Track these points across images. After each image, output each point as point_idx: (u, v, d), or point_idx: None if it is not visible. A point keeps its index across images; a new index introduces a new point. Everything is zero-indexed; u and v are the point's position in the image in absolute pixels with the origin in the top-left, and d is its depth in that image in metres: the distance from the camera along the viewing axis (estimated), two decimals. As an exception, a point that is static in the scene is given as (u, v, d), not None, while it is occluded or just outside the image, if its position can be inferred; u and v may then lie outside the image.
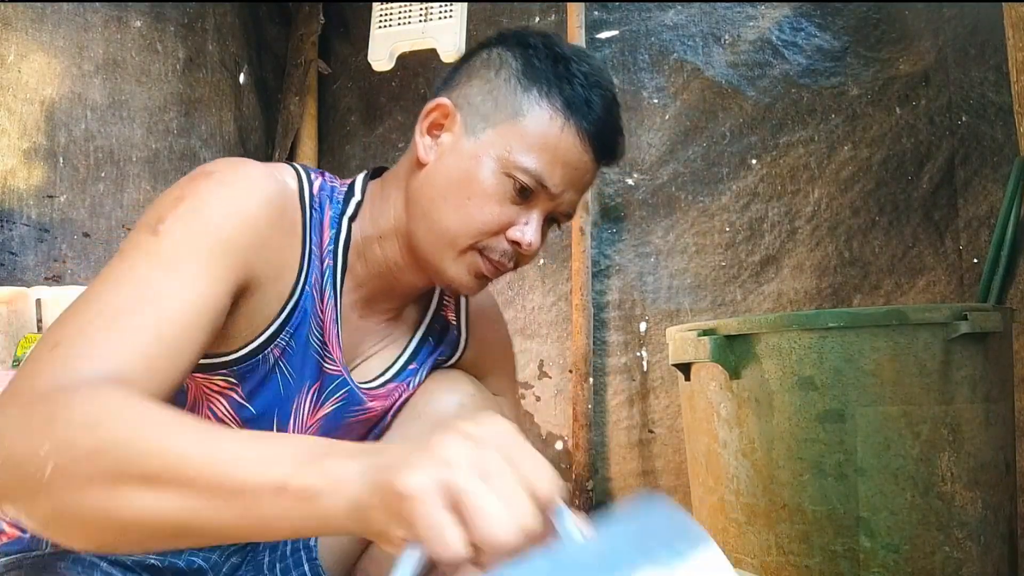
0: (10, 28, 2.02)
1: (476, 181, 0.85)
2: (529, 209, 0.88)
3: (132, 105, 2.25)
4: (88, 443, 0.54)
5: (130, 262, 0.71)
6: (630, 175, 2.31)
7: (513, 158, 0.85)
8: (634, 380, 2.24)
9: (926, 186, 2.07)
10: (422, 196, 0.88)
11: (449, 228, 0.86)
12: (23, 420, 0.58)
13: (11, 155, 2.01)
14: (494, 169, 0.85)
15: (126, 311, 0.67)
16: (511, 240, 0.88)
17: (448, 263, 0.88)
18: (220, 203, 0.76)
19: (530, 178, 0.85)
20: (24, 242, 2.02)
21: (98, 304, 0.67)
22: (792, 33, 2.22)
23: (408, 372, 1.00)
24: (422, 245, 0.88)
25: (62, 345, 0.64)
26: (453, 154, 0.87)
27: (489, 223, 0.86)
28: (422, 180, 0.88)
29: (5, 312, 1.68)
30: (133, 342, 0.66)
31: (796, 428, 1.45)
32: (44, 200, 2.07)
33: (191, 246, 0.73)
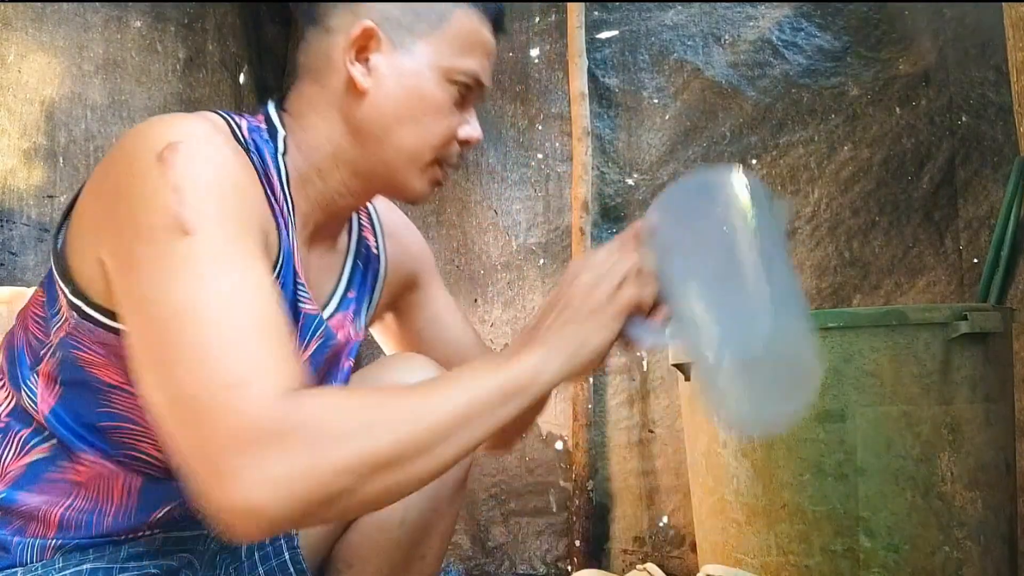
0: (10, 28, 2.02)
1: (425, 96, 0.87)
2: (467, 105, 0.91)
3: (132, 105, 2.25)
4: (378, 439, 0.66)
5: (193, 274, 0.68)
6: (630, 175, 2.31)
7: (452, 64, 0.87)
8: (634, 380, 2.24)
9: (926, 186, 2.07)
10: (374, 124, 0.88)
11: (412, 147, 0.88)
12: (301, 453, 0.63)
13: (11, 155, 2.01)
14: (437, 80, 0.87)
15: (247, 323, 0.67)
16: (462, 141, 0.91)
17: (413, 180, 0.90)
18: (215, 177, 0.74)
19: (470, 78, 0.88)
20: (24, 242, 2.02)
21: (212, 327, 0.67)
22: (792, 33, 2.22)
23: (348, 301, 1.00)
24: (381, 170, 0.89)
25: (229, 383, 0.64)
26: (394, 76, 0.87)
27: (447, 133, 0.88)
28: (368, 108, 0.87)
29: (5, 312, 1.68)
30: (270, 346, 0.67)
31: (796, 428, 1.45)
32: (44, 200, 2.07)
33: (230, 236, 0.71)
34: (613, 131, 2.33)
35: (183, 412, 0.66)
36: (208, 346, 0.66)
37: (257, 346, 0.67)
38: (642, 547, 2.20)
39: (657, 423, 2.21)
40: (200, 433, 0.64)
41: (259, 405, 0.64)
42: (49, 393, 0.84)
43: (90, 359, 0.82)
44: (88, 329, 0.80)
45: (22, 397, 0.85)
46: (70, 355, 0.82)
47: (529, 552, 2.26)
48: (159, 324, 0.68)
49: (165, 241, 0.69)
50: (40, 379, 0.85)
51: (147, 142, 0.74)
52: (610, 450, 2.23)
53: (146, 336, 0.70)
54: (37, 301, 0.87)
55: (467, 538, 2.29)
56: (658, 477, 2.19)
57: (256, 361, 0.66)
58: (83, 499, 0.86)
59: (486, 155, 2.39)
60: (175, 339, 0.67)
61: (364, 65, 0.87)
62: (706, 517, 1.64)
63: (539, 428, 2.29)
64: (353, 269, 1.01)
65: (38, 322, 0.86)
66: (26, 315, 0.88)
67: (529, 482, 2.27)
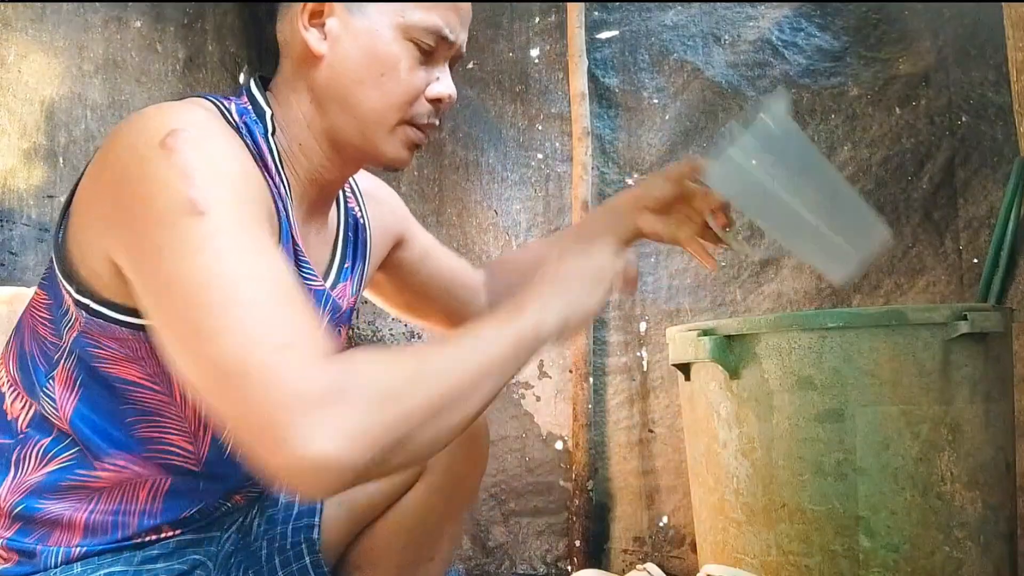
0: (10, 28, 2.02)
1: (383, 56, 0.84)
2: (435, 63, 0.88)
3: (132, 105, 2.25)
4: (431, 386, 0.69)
5: (212, 251, 0.68)
6: (630, 175, 2.31)
7: (409, 21, 0.84)
8: (634, 380, 2.24)
9: (926, 186, 2.07)
10: (333, 90, 0.86)
11: (374, 110, 0.85)
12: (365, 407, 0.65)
13: (11, 155, 2.01)
14: (395, 38, 0.84)
15: (277, 291, 0.68)
16: (432, 99, 0.88)
17: (384, 144, 0.88)
18: (221, 160, 0.73)
19: (432, 36, 0.85)
20: (24, 242, 2.02)
21: (246, 296, 0.67)
22: (792, 33, 2.22)
23: (346, 271, 1.00)
24: (350, 136, 0.87)
25: (283, 343, 0.65)
26: (348, 37, 0.85)
27: (410, 92, 0.86)
28: (326, 74, 0.86)
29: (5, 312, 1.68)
30: (303, 312, 0.68)
31: (796, 428, 1.45)
32: (44, 200, 2.07)
33: (243, 216, 0.71)
34: (613, 131, 2.33)
35: (232, 380, 0.65)
36: (246, 313, 0.66)
37: (292, 311, 0.67)
38: (642, 547, 2.20)
39: (657, 423, 2.21)
40: (255, 397, 0.63)
41: (312, 364, 0.64)
42: (69, 396, 0.83)
43: (106, 355, 0.81)
44: (99, 326, 0.80)
45: (42, 406, 0.84)
46: (86, 353, 0.82)
47: (529, 552, 2.26)
48: (189, 301, 0.67)
49: (181, 223, 0.69)
50: (57, 384, 0.83)
51: (146, 132, 0.74)
52: (610, 450, 2.23)
53: (177, 316, 0.69)
54: (41, 304, 0.86)
55: (467, 538, 2.29)
56: (658, 477, 2.20)
57: (296, 324, 0.67)
58: (107, 502, 0.86)
59: (486, 155, 2.39)
60: (209, 312, 0.66)
61: (320, 30, 0.86)
62: (706, 517, 1.64)
63: (539, 428, 2.29)
64: (346, 239, 1.01)
65: (46, 325, 0.84)
66: (32, 320, 0.87)
67: (529, 482, 2.27)
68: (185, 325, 0.68)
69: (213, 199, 0.70)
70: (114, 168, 0.75)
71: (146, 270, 0.71)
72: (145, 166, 0.72)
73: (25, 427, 0.85)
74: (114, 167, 0.75)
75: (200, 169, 0.71)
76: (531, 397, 2.30)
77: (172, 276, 0.68)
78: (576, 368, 2.21)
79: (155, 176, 0.71)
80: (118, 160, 0.75)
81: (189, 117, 0.76)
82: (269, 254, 0.70)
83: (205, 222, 0.68)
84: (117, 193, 0.74)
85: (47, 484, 0.84)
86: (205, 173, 0.71)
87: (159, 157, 0.71)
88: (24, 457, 0.85)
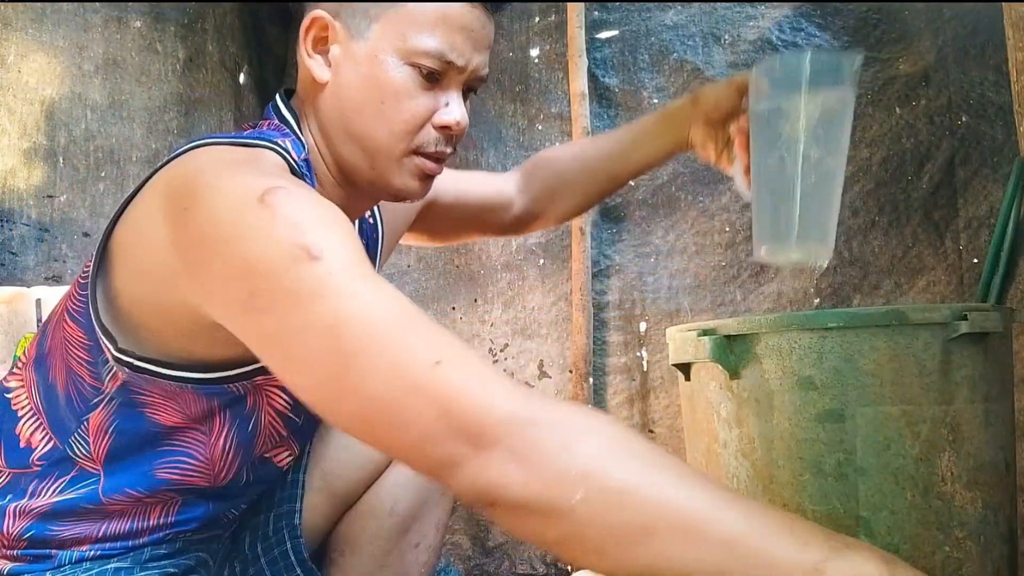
0: (10, 28, 2.02)
1: (382, 83, 0.81)
2: (444, 89, 0.84)
3: (132, 105, 2.25)
4: (611, 491, 0.57)
5: (336, 290, 0.65)
6: (630, 175, 2.32)
7: (410, 45, 0.80)
8: (634, 380, 2.24)
9: (926, 186, 2.07)
10: (336, 118, 0.84)
11: (376, 139, 0.83)
12: (533, 449, 0.59)
13: (11, 155, 2.01)
14: (395, 63, 0.81)
15: (413, 311, 0.65)
16: (439, 127, 0.84)
17: (393, 175, 0.85)
18: (321, 210, 0.70)
19: (434, 60, 0.81)
20: (24, 242, 2.02)
21: (384, 323, 0.64)
22: (792, 33, 2.22)
23: None
24: (358, 167, 0.85)
25: (438, 359, 0.62)
26: (348, 64, 0.82)
27: (412, 120, 0.82)
28: (328, 102, 0.84)
29: (5, 312, 1.68)
30: (441, 332, 0.65)
31: (796, 428, 1.45)
32: (44, 200, 2.07)
33: (351, 256, 0.68)
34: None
35: (395, 408, 0.62)
36: (391, 341, 0.63)
37: (431, 330, 0.64)
38: (642, 547, 2.20)
39: (657, 423, 2.21)
40: (427, 416, 0.61)
41: (486, 396, 0.61)
42: (103, 437, 0.83)
43: (152, 401, 0.81)
44: (146, 380, 0.79)
45: (70, 446, 0.83)
46: (129, 400, 0.81)
47: (529, 552, 2.26)
48: (327, 344, 0.64)
49: (295, 271, 0.66)
50: (91, 426, 0.82)
51: (236, 194, 0.70)
52: (610, 450, 2.23)
53: (318, 363, 0.65)
54: (78, 342, 0.83)
55: (467, 538, 2.29)
56: (658, 477, 2.19)
57: (441, 339, 0.63)
58: (119, 523, 0.86)
59: (486, 155, 2.39)
60: (354, 349, 0.63)
61: (324, 57, 0.84)
62: (706, 517, 1.65)
63: (539, 428, 2.30)
64: None
65: (84, 366, 0.83)
66: (66, 355, 0.84)
67: (529, 482, 2.27)
68: (329, 369, 0.65)
69: (325, 244, 0.67)
70: (204, 228, 0.71)
71: (268, 323, 0.67)
72: (244, 224, 0.68)
73: (39, 460, 0.85)
74: (205, 228, 0.70)
75: (304, 218, 0.68)
76: (531, 397, 2.30)
77: (303, 324, 0.65)
78: (576, 368, 2.21)
79: (258, 231, 0.67)
80: (211, 223, 0.70)
81: (273, 175, 0.73)
82: (386, 284, 0.68)
83: (321, 265, 0.66)
84: (210, 252, 0.70)
85: (58, 510, 0.84)
86: (310, 221, 0.68)
87: (260, 212, 0.68)
88: (36, 491, 0.85)
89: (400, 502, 1.06)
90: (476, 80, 0.86)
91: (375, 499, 1.06)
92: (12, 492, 0.85)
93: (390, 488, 1.06)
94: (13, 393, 0.88)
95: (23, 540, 0.84)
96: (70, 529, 0.85)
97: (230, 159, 0.76)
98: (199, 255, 0.71)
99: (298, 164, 0.82)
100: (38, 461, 0.85)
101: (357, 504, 1.07)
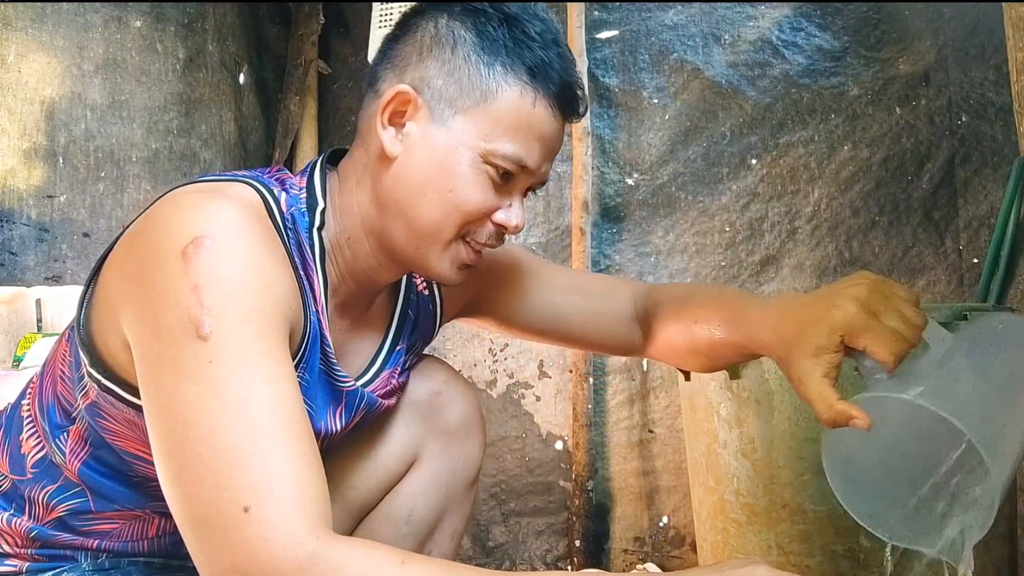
0: (10, 28, 2.02)
1: (455, 174, 0.81)
2: (511, 190, 0.84)
3: (132, 105, 2.25)
4: None
5: (207, 382, 0.66)
6: (630, 175, 2.31)
7: (491, 146, 0.81)
8: (634, 380, 2.24)
9: (926, 186, 2.07)
10: (396, 194, 0.83)
11: (432, 223, 0.82)
12: None
13: (11, 155, 2.01)
14: (472, 160, 0.81)
15: (262, 437, 0.66)
16: (497, 224, 0.85)
17: (433, 258, 0.84)
18: (239, 276, 0.70)
19: (510, 163, 0.82)
20: (24, 242, 2.02)
21: (222, 442, 0.65)
22: (792, 33, 2.22)
23: (397, 354, 0.98)
24: (402, 243, 0.84)
25: (246, 505, 0.63)
26: (424, 147, 0.82)
27: (474, 213, 0.83)
28: (394, 177, 0.83)
29: (5, 312, 1.68)
30: (295, 467, 0.66)
31: (796, 428, 1.45)
32: (44, 200, 2.07)
33: (248, 338, 0.68)
34: (613, 131, 2.33)
35: (203, 532, 0.65)
36: (226, 464, 0.64)
37: (276, 466, 0.65)
38: (642, 547, 2.20)
39: (657, 423, 2.21)
40: (220, 557, 0.63)
41: (281, 540, 0.63)
42: (80, 452, 0.83)
43: (114, 429, 0.81)
44: (109, 402, 0.79)
45: (53, 453, 0.85)
46: (95, 423, 0.81)
47: (529, 552, 2.26)
48: (175, 436, 0.67)
49: (182, 344, 0.67)
50: (71, 438, 0.83)
51: (173, 234, 0.71)
52: (610, 450, 2.23)
53: (164, 445, 0.68)
54: (64, 359, 0.84)
55: (467, 538, 2.29)
56: (658, 477, 2.20)
57: (274, 485, 0.64)
58: (116, 540, 0.87)
59: (486, 155, 2.40)
60: (191, 453, 0.65)
61: (399, 131, 0.83)
62: (706, 517, 1.64)
63: (539, 428, 2.29)
64: (402, 321, 0.98)
65: (65, 382, 0.84)
66: (55, 370, 0.86)
67: (529, 482, 2.27)
68: (168, 457, 0.67)
69: (219, 321, 0.67)
70: (137, 259, 0.73)
71: (145, 381, 0.70)
72: (161, 273, 0.70)
73: (32, 467, 0.86)
74: (138, 258, 0.73)
75: (213, 285, 0.68)
76: (531, 397, 2.30)
77: (163, 402, 0.68)
78: (576, 368, 2.21)
79: (168, 287, 0.69)
80: (143, 258, 0.73)
81: (221, 220, 0.72)
82: (272, 386, 0.68)
83: (206, 348, 0.67)
84: (136, 292, 0.72)
85: (57, 526, 0.85)
86: (217, 290, 0.68)
87: (176, 267, 0.69)
88: (32, 498, 0.85)
89: (417, 510, 1.05)
90: (538, 183, 0.87)
91: (391, 506, 1.05)
92: (14, 499, 0.86)
93: (407, 495, 1.05)
94: (25, 400, 0.89)
95: (36, 542, 0.85)
96: (71, 538, 0.85)
97: (192, 189, 0.77)
98: (127, 287, 0.74)
99: (284, 216, 0.81)
100: (32, 468, 0.86)
101: (373, 511, 1.06)
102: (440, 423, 1.05)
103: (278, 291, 0.74)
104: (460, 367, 2.32)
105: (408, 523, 1.05)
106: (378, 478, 1.03)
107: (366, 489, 1.04)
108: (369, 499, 1.05)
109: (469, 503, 1.11)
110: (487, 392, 2.32)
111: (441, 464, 1.06)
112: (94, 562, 0.86)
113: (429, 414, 1.04)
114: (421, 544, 1.06)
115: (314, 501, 0.66)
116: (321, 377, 0.85)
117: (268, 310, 0.71)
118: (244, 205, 0.76)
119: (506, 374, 2.32)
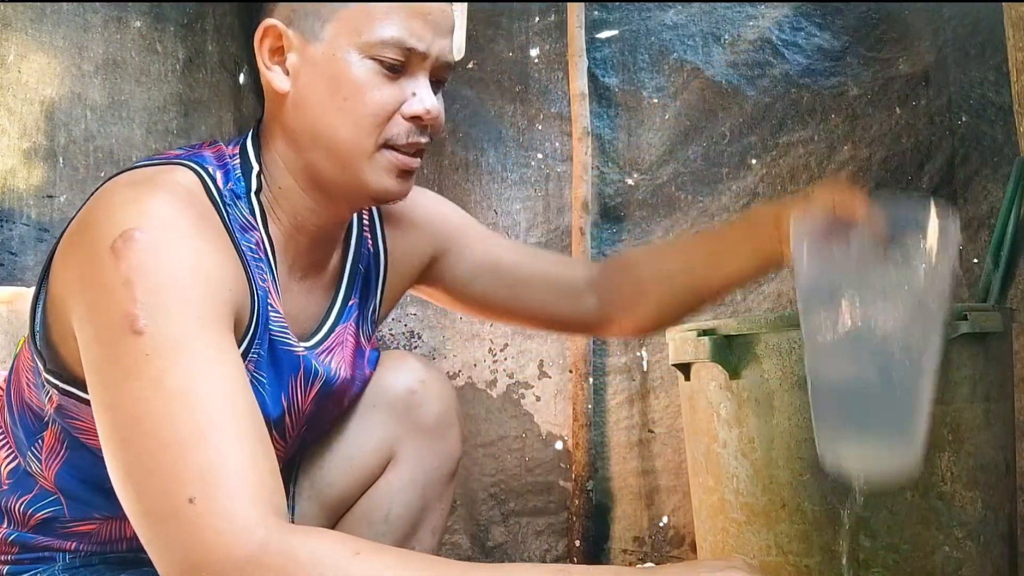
0: (10, 28, 2.02)
1: (344, 81, 0.78)
2: (409, 78, 0.81)
3: (132, 105, 2.25)
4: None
5: (148, 376, 0.65)
6: (630, 175, 2.31)
7: (367, 38, 0.78)
8: (634, 380, 2.24)
9: (926, 186, 2.07)
10: (301, 125, 0.81)
11: (344, 139, 0.80)
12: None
13: (11, 155, 2.01)
14: (355, 59, 0.78)
15: (208, 427, 0.65)
16: (409, 117, 0.81)
17: (365, 175, 0.81)
18: (171, 267, 0.69)
19: (394, 49, 0.79)
20: (24, 242, 2.02)
21: (167, 435, 0.64)
22: (792, 33, 2.22)
23: (350, 309, 0.96)
24: (328, 173, 0.82)
25: (192, 496, 0.63)
26: (308, 69, 0.80)
27: (378, 112, 0.80)
28: (293, 110, 0.81)
29: (5, 312, 1.68)
30: (242, 456, 0.65)
31: (796, 428, 1.45)
32: (44, 200, 2.07)
33: (186, 328, 0.67)
34: (613, 131, 2.33)
35: (155, 527, 0.64)
36: (171, 457, 0.64)
37: (223, 455, 0.64)
38: (642, 547, 2.20)
39: (657, 423, 2.21)
40: (173, 549, 0.63)
41: (230, 530, 0.62)
42: (55, 459, 0.83)
43: (86, 428, 0.79)
44: (73, 404, 0.78)
45: (28, 463, 0.84)
46: (67, 424, 0.80)
47: (529, 552, 2.26)
48: (122, 432, 0.66)
49: (120, 341, 0.66)
50: (44, 445, 0.83)
51: (103, 229, 0.70)
52: (610, 450, 2.23)
53: (112, 443, 0.67)
54: (26, 365, 0.83)
55: (467, 538, 2.29)
56: (658, 477, 2.19)
57: (221, 475, 0.63)
58: (93, 542, 0.87)
59: (486, 155, 2.39)
60: (138, 448, 0.65)
61: (282, 67, 0.81)
62: (706, 517, 1.64)
63: (539, 428, 2.29)
64: (352, 276, 0.96)
65: (31, 388, 0.83)
66: (20, 377, 0.85)
67: (529, 482, 2.27)
68: (114, 454, 0.67)
69: (153, 315, 0.66)
70: (77, 261, 0.73)
71: (94, 380, 0.69)
72: (95, 269, 0.69)
73: (6, 478, 0.85)
74: (78, 261, 0.73)
75: (144, 279, 0.67)
76: (531, 397, 2.30)
77: (105, 400, 0.67)
78: (576, 368, 2.21)
79: (101, 283, 0.68)
80: (80, 256, 0.72)
81: (149, 209, 0.71)
82: (213, 372, 0.67)
83: (143, 342, 0.66)
84: (78, 290, 0.72)
85: (35, 530, 0.85)
86: (150, 283, 0.67)
87: (108, 262, 0.68)
88: (8, 508, 0.85)
89: (395, 509, 1.04)
90: (443, 67, 0.84)
91: (369, 505, 1.03)
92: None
93: (385, 494, 1.04)
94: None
95: (15, 546, 0.85)
96: (50, 541, 0.85)
97: (124, 181, 0.77)
98: (71, 283, 0.73)
99: (222, 192, 0.80)
100: (6, 479, 0.86)
101: (351, 511, 1.04)
102: (417, 421, 1.03)
103: (216, 276, 0.72)
104: (460, 367, 2.32)
105: (387, 522, 1.04)
106: (355, 476, 1.02)
107: (343, 487, 1.02)
108: (346, 497, 1.03)
109: (448, 498, 1.09)
110: (487, 392, 2.32)
111: (417, 462, 1.04)
112: (69, 562, 0.86)
113: (405, 413, 1.03)
114: (401, 543, 1.05)
115: (264, 489, 0.64)
116: (275, 348, 0.84)
117: (206, 298, 0.70)
118: (176, 192, 0.75)
119: (506, 374, 2.32)
